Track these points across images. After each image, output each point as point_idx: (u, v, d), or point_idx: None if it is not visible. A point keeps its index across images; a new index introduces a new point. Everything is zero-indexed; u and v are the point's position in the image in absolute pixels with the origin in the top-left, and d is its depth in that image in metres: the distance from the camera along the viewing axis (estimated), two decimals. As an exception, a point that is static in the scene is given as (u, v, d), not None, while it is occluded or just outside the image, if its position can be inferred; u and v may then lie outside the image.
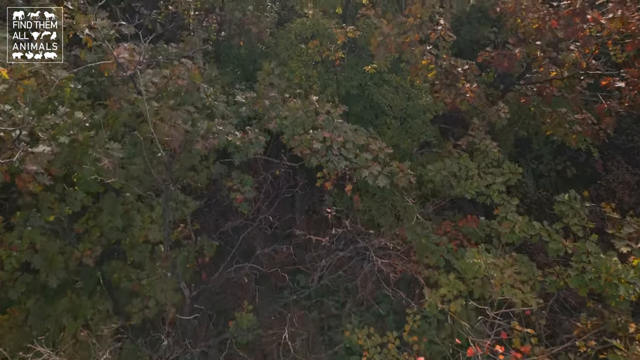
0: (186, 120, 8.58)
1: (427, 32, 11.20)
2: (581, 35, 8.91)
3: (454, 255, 12.12)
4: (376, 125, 16.94)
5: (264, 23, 12.93)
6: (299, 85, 14.37)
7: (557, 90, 11.58)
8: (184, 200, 9.67)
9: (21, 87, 6.66)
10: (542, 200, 17.53)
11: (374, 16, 11.08)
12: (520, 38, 11.18)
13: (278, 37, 15.20)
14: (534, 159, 18.04)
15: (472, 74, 11.71)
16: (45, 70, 7.22)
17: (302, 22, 14.49)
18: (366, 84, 15.55)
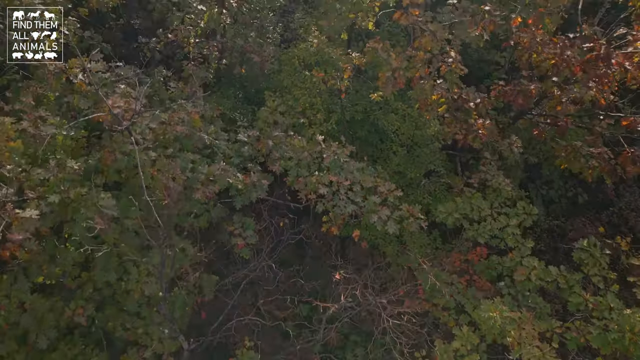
0: (185, 169, 8.10)
1: (437, 65, 10.72)
2: (605, 81, 8.44)
3: (464, 296, 11.62)
4: (382, 149, 16.50)
5: (266, 52, 12.47)
6: (302, 114, 13.91)
7: (572, 122, 11.08)
8: (182, 248, 9.18)
9: (7, 151, 6.21)
10: (554, 229, 17.04)
11: (381, 50, 10.59)
12: (535, 73, 10.71)
13: (281, 63, 14.74)
14: (544, 185, 17.53)
15: (484, 108, 11.23)
16: (33, 128, 6.76)
17: (306, 48, 14.03)
18: (371, 108, 15.09)
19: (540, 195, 17.45)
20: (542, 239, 16.36)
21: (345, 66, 11.35)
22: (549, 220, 16.89)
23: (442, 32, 10.53)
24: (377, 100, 14.00)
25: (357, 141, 16.36)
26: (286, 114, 14.06)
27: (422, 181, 13.92)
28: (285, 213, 10.48)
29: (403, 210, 9.63)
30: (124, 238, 7.68)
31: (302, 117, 13.72)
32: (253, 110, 16.56)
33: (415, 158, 14.85)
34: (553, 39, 10.02)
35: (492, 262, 11.69)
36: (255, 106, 16.37)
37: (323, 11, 16.62)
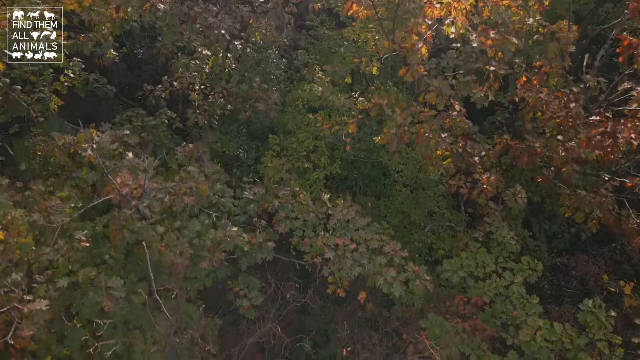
0: (192, 240, 8.12)
1: (441, 121, 10.76)
2: (610, 152, 8.48)
3: (470, 346, 11.61)
4: (385, 185, 16.55)
5: (272, 99, 12.51)
6: (307, 157, 13.94)
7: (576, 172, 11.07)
8: (187, 311, 9.18)
9: (18, 249, 6.25)
10: (558, 266, 17.02)
11: (386, 107, 10.64)
12: (539, 126, 10.76)
13: (286, 104, 14.79)
14: (547, 220, 17.52)
15: (489, 161, 11.26)
16: (44, 219, 6.79)
17: (310, 91, 14.07)
18: (375, 147, 15.16)
19: (544, 231, 17.43)
20: (545, 277, 16.33)
21: (350, 121, 11.37)
22: (552, 257, 16.88)
23: (447, 88, 10.59)
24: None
25: (360, 177, 16.43)
26: (291, 156, 14.14)
27: (426, 227, 13.94)
28: (290, 277, 10.49)
29: (409, 271, 9.63)
30: (131, 312, 7.69)
31: (307, 161, 13.77)
32: (257, 147, 16.64)
33: (419, 200, 14.87)
34: (558, 94, 10.07)
35: (497, 311, 11.70)
36: (259, 142, 16.45)
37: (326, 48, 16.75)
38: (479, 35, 8.91)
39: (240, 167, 16.27)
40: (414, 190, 15.00)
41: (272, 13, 10.69)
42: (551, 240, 17.53)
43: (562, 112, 9.61)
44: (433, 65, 10.18)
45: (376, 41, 13.12)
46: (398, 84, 16.43)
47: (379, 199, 16.35)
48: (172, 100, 13.88)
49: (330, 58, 16.44)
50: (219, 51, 12.35)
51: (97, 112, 17.79)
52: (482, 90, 9.89)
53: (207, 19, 9.61)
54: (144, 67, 18.55)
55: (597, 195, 10.30)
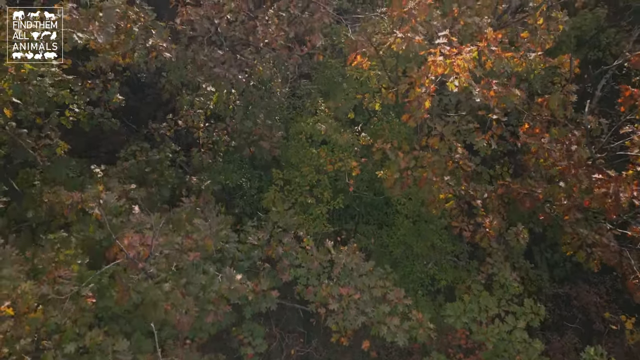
0: (197, 296, 8.19)
1: (444, 164, 10.84)
2: (612, 212, 8.57)
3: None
4: (387, 213, 16.62)
5: (275, 137, 12.59)
6: (309, 192, 14.02)
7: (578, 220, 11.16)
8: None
9: (27, 324, 6.32)
10: (559, 295, 17.07)
11: (389, 150, 10.72)
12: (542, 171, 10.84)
13: (289, 137, 14.87)
14: (548, 248, 17.59)
15: (491, 203, 11.33)
16: (53, 291, 6.86)
17: (313, 126, 14.15)
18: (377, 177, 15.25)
19: (545, 259, 17.49)
20: (547, 307, 16.33)
21: (354, 164, 11.46)
22: (553, 286, 16.93)
23: (450, 132, 10.69)
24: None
25: (362, 205, 16.49)
26: (294, 191, 14.22)
27: (429, 262, 14.00)
28: (294, 327, 10.56)
29: (413, 319, 9.69)
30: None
31: (310, 195, 13.85)
32: (260, 176, 16.72)
33: (421, 232, 14.94)
34: (560, 140, 10.14)
35: (499, 350, 11.75)
36: (262, 171, 16.53)
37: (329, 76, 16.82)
38: (482, 88, 8.99)
39: (242, 196, 16.36)
40: (416, 222, 15.07)
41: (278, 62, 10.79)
42: (552, 268, 17.59)
43: (564, 160, 9.69)
44: (435, 102, 10.27)
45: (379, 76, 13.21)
46: (400, 113, 16.53)
47: (381, 228, 16.42)
48: (176, 132, 13.97)
49: (332, 86, 16.54)
50: (223, 87, 12.43)
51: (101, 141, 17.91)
52: (484, 138, 9.97)
53: (212, 68, 9.69)
54: (147, 91, 18.68)
55: (598, 234, 10.36)
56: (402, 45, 9.10)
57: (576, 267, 17.80)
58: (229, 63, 10.15)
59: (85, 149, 15.95)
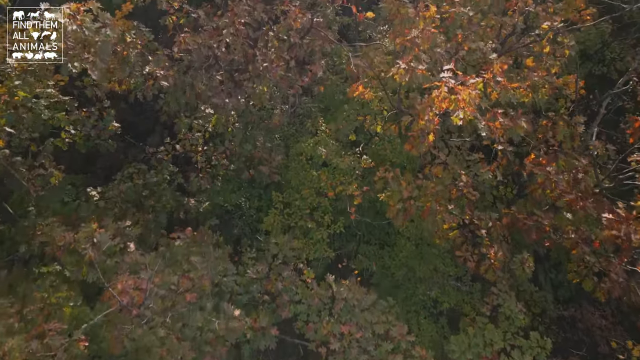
0: (193, 337, 7.92)
1: (448, 194, 10.59)
2: (624, 255, 8.32)
3: None
4: (389, 233, 16.35)
5: (275, 161, 12.32)
6: (310, 216, 13.76)
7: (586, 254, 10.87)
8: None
9: None
10: (564, 317, 16.79)
11: (392, 180, 10.46)
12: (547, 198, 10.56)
13: (289, 158, 14.60)
14: (552, 268, 17.32)
15: (496, 232, 11.06)
16: (42, 347, 6.58)
17: (313, 147, 13.88)
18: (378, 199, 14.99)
19: (549, 279, 17.23)
20: (551, 330, 16.12)
21: (356, 193, 11.20)
22: (557, 308, 16.65)
23: (454, 162, 10.43)
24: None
25: (363, 225, 16.22)
26: (294, 214, 13.96)
27: (432, 289, 13.74)
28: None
29: (416, 357, 9.42)
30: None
31: (310, 219, 13.58)
32: (259, 195, 16.46)
33: (424, 255, 14.68)
34: (567, 173, 9.89)
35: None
36: (261, 189, 16.27)
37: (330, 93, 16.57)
38: (488, 121, 8.73)
39: (241, 216, 16.10)
40: (419, 245, 14.80)
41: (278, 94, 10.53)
42: (557, 288, 17.31)
43: (572, 192, 9.42)
44: (438, 126, 10.01)
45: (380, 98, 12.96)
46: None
47: (382, 248, 16.16)
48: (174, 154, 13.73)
49: (333, 101, 16.30)
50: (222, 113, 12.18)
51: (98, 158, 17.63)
52: (490, 169, 9.70)
53: (211, 99, 9.44)
54: (145, 106, 18.47)
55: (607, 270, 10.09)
56: (405, 76, 8.84)
57: (581, 287, 17.48)
58: (227, 90, 9.89)
59: (82, 165, 15.71)
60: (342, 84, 16.50)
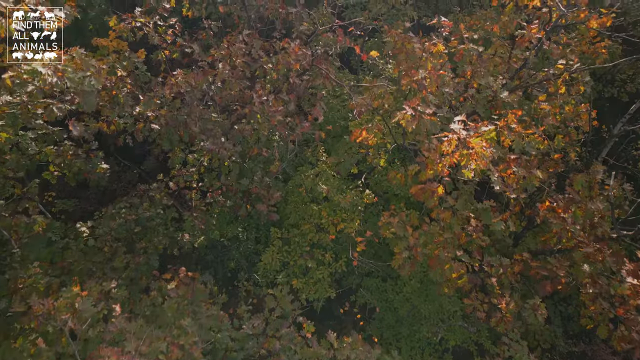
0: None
1: (457, 242, 9.97)
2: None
3: None
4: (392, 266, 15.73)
5: (274, 198, 11.70)
6: (309, 253, 13.14)
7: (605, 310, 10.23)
8: None
9: None
10: (575, 353, 16.11)
11: (397, 226, 9.85)
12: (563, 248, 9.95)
13: (288, 192, 13.99)
14: (562, 301, 16.69)
15: (507, 279, 10.44)
16: None
17: (313, 179, 13.27)
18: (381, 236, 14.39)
19: (559, 312, 16.60)
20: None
21: (359, 239, 10.60)
22: (567, 343, 16.00)
23: (463, 206, 9.82)
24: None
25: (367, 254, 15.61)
26: (293, 251, 13.34)
27: (437, 332, 13.10)
28: None
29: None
30: None
31: (310, 257, 12.97)
32: (257, 226, 15.84)
33: (429, 292, 14.06)
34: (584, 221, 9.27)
35: None
36: (259, 220, 15.65)
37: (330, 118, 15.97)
38: (501, 171, 8.12)
39: (239, 247, 15.50)
40: (423, 282, 14.19)
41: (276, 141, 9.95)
42: (567, 322, 16.68)
43: (590, 244, 8.81)
44: (448, 177, 9.39)
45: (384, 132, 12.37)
46: (405, 160, 15.68)
47: (385, 281, 15.56)
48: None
49: (333, 127, 15.71)
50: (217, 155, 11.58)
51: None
52: (502, 218, 9.09)
53: (204, 141, 8.84)
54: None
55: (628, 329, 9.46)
56: (412, 123, 8.24)
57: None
58: (223, 131, 9.29)
59: (74, 189, 15.19)
60: (342, 108, 15.93)
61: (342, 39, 9.51)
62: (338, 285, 14.67)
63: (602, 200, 9.91)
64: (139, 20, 9.65)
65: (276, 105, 8.65)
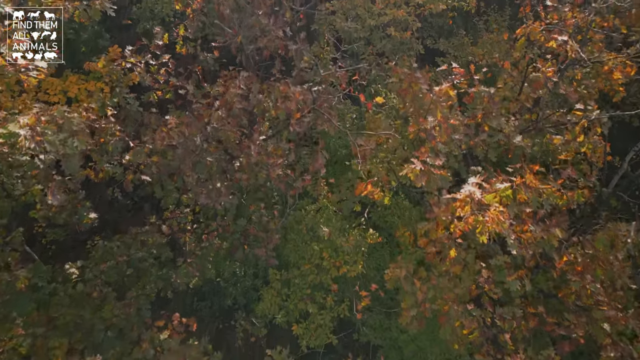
0: None
1: (468, 299, 9.39)
2: None
3: None
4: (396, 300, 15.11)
5: (273, 240, 11.09)
6: (310, 297, 12.52)
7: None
8: None
9: None
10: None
11: (404, 280, 9.25)
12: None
13: (287, 227, 13.36)
14: (580, 355, 15.97)
15: (521, 333, 9.83)
16: None
17: (314, 217, 12.65)
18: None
19: (570, 357, 15.89)
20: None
21: (363, 293, 10.02)
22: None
23: (474, 261, 9.23)
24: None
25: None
26: (292, 294, 12.71)
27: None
28: None
29: None
30: None
31: (310, 301, 12.34)
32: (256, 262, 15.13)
33: (436, 335, 13.43)
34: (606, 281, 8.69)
35: None
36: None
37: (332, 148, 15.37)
38: (518, 233, 7.54)
39: (236, 283, 14.86)
40: (429, 324, 13.57)
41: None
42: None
43: (611, 304, 8.23)
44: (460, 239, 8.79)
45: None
46: (410, 190, 15.10)
47: (389, 318, 14.94)
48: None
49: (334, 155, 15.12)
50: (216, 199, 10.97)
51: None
52: (518, 275, 8.50)
53: (198, 197, 8.25)
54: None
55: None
56: (422, 179, 7.66)
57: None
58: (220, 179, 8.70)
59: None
60: (344, 137, 15.33)
61: (345, 86, 8.94)
62: (339, 323, 14.05)
63: (621, 246, 9.33)
64: (129, 61, 9.08)
65: (275, 157, 8.08)
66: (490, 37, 16.23)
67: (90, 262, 12.15)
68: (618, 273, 9.03)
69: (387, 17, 10.36)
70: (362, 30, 10.70)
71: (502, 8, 18.44)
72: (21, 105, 7.56)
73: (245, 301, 14.66)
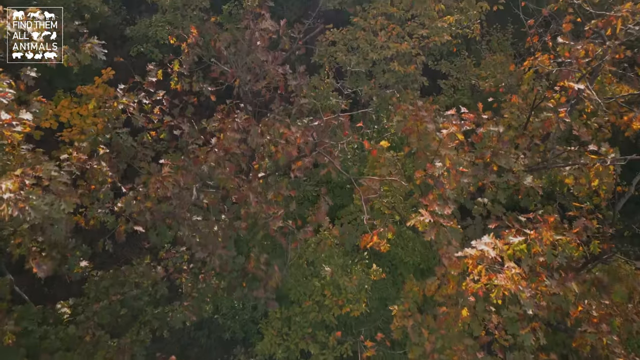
0: None
1: (478, 347, 8.98)
2: None
3: None
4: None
5: (273, 279, 10.63)
6: (312, 336, 12.07)
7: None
8: None
9: None
10: None
11: (411, 329, 8.84)
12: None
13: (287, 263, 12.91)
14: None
15: (532, 382, 9.41)
16: None
17: (314, 252, 12.20)
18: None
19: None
20: None
21: (369, 344, 9.60)
22: None
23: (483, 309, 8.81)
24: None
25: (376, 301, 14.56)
26: (293, 333, 12.28)
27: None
28: None
29: None
30: None
31: (311, 340, 11.90)
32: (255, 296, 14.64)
33: None
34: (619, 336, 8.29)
35: None
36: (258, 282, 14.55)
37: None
38: (533, 289, 7.14)
39: (234, 316, 14.41)
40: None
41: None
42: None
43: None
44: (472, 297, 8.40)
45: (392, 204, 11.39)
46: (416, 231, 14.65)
47: (393, 349, 14.52)
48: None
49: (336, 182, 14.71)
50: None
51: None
52: (531, 327, 8.09)
53: (194, 249, 7.83)
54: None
55: None
56: (431, 233, 7.26)
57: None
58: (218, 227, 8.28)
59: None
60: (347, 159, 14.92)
61: (347, 133, 8.55)
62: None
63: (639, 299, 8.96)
64: (121, 102, 8.65)
65: (275, 206, 7.66)
66: (494, 58, 15.88)
67: (83, 300, 11.72)
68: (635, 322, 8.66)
69: (390, 50, 9.96)
70: (363, 63, 10.29)
71: (505, 27, 18.10)
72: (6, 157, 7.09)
73: (244, 335, 14.21)
